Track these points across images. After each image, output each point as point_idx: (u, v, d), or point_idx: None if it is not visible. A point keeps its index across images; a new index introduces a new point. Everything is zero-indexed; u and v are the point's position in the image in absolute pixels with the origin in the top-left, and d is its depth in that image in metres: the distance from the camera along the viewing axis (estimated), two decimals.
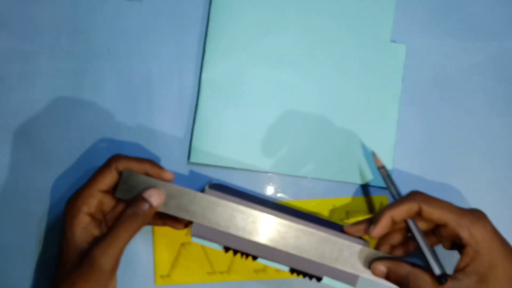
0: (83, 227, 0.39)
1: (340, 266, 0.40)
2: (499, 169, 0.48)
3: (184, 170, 0.48)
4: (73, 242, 0.38)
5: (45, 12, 0.49)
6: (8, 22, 0.49)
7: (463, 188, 0.48)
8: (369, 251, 0.40)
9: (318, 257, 0.40)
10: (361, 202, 0.47)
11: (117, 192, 0.40)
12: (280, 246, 0.40)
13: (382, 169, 0.44)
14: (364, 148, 0.48)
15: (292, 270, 0.41)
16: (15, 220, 0.47)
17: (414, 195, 0.39)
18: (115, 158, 0.41)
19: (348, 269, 0.40)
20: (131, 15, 0.49)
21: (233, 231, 0.40)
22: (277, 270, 0.47)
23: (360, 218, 0.47)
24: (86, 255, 0.37)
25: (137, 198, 0.39)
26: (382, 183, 0.47)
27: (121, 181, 0.40)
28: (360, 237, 0.42)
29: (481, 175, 0.48)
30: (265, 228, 0.40)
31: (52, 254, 0.47)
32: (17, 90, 0.48)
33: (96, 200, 0.40)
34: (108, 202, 0.41)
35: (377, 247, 0.41)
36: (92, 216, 0.39)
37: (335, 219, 0.47)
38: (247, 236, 0.40)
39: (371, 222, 0.41)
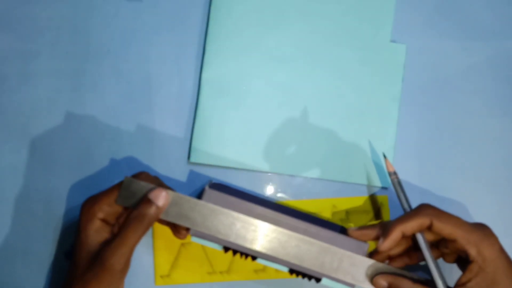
0: (96, 230, 0.39)
1: (340, 276, 0.40)
2: (499, 169, 0.48)
3: (184, 170, 0.48)
4: (86, 244, 0.39)
5: (45, 12, 0.49)
6: (8, 22, 0.48)
7: (463, 188, 0.48)
8: (369, 261, 0.40)
9: (318, 267, 0.40)
10: (361, 202, 0.47)
11: (118, 199, 0.40)
12: (280, 255, 0.40)
13: (393, 175, 0.43)
14: (364, 148, 0.48)
15: (291, 271, 0.41)
16: (15, 220, 0.47)
17: (425, 209, 0.40)
18: (141, 174, 0.41)
19: (348, 279, 0.40)
20: (131, 15, 0.49)
21: (233, 239, 0.40)
22: (277, 270, 0.46)
23: (360, 218, 0.47)
24: (97, 257, 0.38)
25: (143, 199, 0.39)
26: (382, 183, 0.47)
27: (122, 188, 0.40)
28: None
29: (481, 175, 0.48)
30: (266, 237, 0.40)
31: (52, 253, 0.47)
32: (17, 90, 0.48)
33: (112, 209, 0.40)
34: (123, 209, 0.41)
35: (372, 255, 0.41)
36: (105, 221, 0.40)
37: (335, 219, 0.47)
38: (248, 245, 0.40)
39: (378, 228, 0.41)
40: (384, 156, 0.45)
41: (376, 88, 0.48)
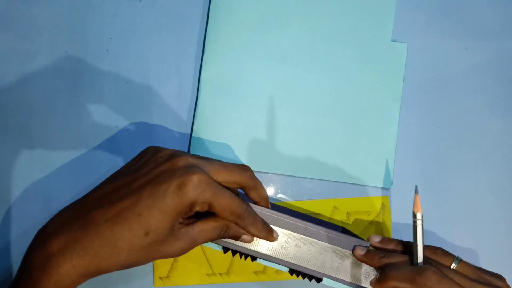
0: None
1: (341, 276, 0.40)
2: (499, 169, 0.48)
3: None
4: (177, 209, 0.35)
5: (44, 11, 0.49)
6: (7, 22, 0.48)
7: (463, 188, 0.48)
8: None
9: (318, 267, 0.40)
10: (362, 202, 0.47)
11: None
12: (280, 255, 0.40)
13: (416, 218, 0.39)
14: (365, 149, 0.47)
15: (292, 271, 0.41)
16: (14, 220, 0.47)
17: (429, 275, 0.36)
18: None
19: (349, 278, 0.40)
20: (130, 14, 0.49)
21: (233, 241, 0.40)
22: (277, 271, 0.46)
23: (361, 219, 0.47)
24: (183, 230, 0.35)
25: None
26: (383, 184, 0.47)
27: None
28: (361, 238, 0.41)
29: (481, 175, 0.48)
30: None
31: None
32: (16, 89, 0.48)
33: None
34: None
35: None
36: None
37: (336, 220, 0.47)
38: (247, 246, 0.39)
39: (396, 244, 0.41)
40: (416, 191, 0.40)
41: (377, 87, 0.48)
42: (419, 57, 0.49)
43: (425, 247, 0.40)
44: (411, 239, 0.40)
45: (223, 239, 0.39)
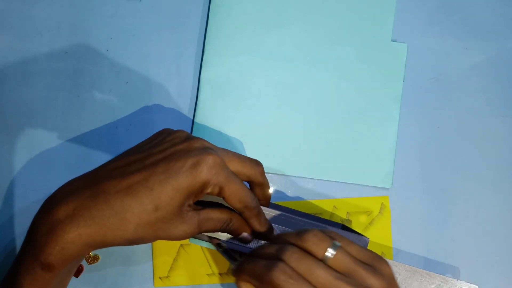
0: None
1: None
2: (500, 169, 0.48)
3: None
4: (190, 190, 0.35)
5: (44, 11, 0.49)
6: (7, 22, 0.49)
7: (464, 188, 0.48)
8: None
9: None
10: (362, 202, 0.47)
11: None
12: None
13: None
14: (365, 148, 0.47)
15: None
16: (14, 221, 0.47)
17: (274, 274, 0.32)
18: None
19: None
20: (130, 14, 0.49)
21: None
22: None
23: (361, 219, 0.47)
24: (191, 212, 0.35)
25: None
26: (383, 184, 0.47)
27: None
28: (361, 234, 0.41)
29: (482, 175, 0.48)
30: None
31: None
32: (15, 89, 0.48)
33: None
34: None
35: None
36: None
37: (336, 220, 0.47)
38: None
39: None
40: None
41: (377, 87, 0.48)
42: (419, 57, 0.49)
43: (293, 233, 0.35)
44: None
45: (223, 240, 0.39)
